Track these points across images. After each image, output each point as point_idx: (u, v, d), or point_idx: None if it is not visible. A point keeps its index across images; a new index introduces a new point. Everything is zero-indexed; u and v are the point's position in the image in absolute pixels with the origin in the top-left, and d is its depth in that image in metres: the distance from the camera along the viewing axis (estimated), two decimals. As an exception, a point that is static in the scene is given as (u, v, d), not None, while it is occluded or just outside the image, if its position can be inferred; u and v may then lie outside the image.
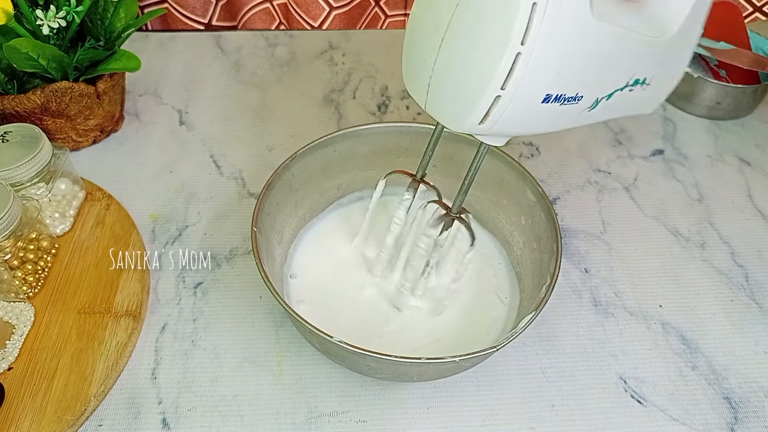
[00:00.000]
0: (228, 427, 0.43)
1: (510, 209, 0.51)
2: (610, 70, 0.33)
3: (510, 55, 0.28)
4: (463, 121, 0.32)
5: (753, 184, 0.62)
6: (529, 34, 0.28)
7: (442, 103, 0.33)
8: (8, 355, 0.45)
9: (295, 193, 0.50)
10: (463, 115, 0.32)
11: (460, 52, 0.31)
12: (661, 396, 0.46)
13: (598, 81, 0.33)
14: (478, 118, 0.31)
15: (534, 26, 0.28)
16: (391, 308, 0.48)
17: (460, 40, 0.30)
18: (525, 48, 0.28)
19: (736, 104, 0.67)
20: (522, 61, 0.29)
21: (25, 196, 0.49)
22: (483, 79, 0.30)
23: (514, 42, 0.28)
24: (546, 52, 0.29)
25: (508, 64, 0.29)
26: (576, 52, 0.30)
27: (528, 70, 0.29)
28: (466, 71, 0.31)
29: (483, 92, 0.30)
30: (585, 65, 0.31)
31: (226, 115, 0.67)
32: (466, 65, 0.30)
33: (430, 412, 0.44)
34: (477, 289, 0.49)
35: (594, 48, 0.31)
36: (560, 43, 0.29)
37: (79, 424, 0.43)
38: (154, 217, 0.56)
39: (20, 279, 0.47)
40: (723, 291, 0.53)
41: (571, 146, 0.65)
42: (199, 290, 0.51)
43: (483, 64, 0.29)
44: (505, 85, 0.29)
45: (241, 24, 0.83)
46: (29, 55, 0.50)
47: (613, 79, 0.34)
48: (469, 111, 0.31)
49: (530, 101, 0.31)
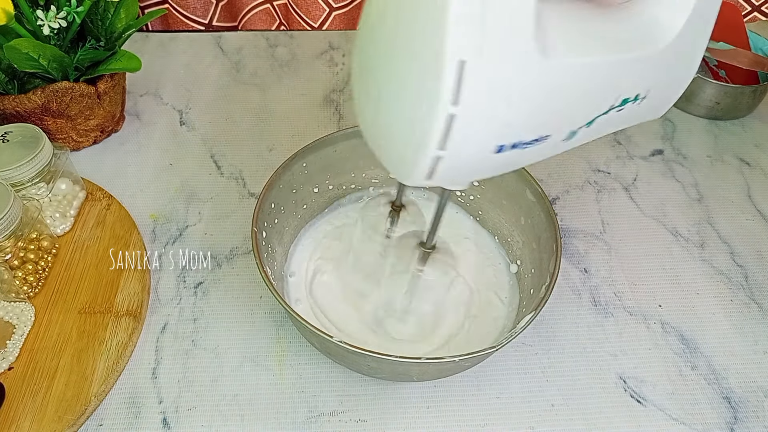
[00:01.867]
0: (228, 426, 0.43)
1: (509, 209, 0.51)
2: (581, 103, 0.29)
3: (441, 118, 0.25)
4: (409, 179, 0.29)
5: (752, 184, 0.62)
6: (461, 94, 0.24)
7: (387, 159, 0.31)
8: (9, 354, 0.45)
9: (295, 193, 0.50)
10: (407, 173, 0.29)
11: (394, 112, 0.28)
12: (660, 396, 0.46)
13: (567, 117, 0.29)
14: (422, 177, 0.29)
15: (466, 84, 0.24)
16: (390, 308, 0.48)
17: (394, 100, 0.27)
18: (459, 108, 0.25)
19: (735, 104, 0.67)
20: (458, 122, 0.25)
21: (26, 196, 0.49)
22: (418, 141, 0.27)
23: (443, 104, 0.25)
24: (487, 107, 0.26)
25: (441, 127, 0.25)
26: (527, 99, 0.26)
27: (468, 128, 0.26)
28: (402, 132, 0.28)
29: (421, 154, 0.27)
30: (542, 108, 0.27)
31: (227, 115, 0.67)
32: (401, 126, 0.28)
33: (430, 411, 0.45)
34: (477, 290, 0.49)
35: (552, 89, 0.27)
36: (505, 94, 0.26)
37: (79, 423, 0.43)
38: (154, 217, 0.56)
39: (21, 279, 0.47)
40: (722, 291, 0.53)
41: (570, 146, 0.65)
42: (200, 290, 0.51)
43: (417, 126, 0.26)
44: (445, 146, 0.26)
45: (241, 24, 0.83)
46: (30, 55, 0.50)
47: (588, 109, 0.30)
48: (412, 170, 0.28)
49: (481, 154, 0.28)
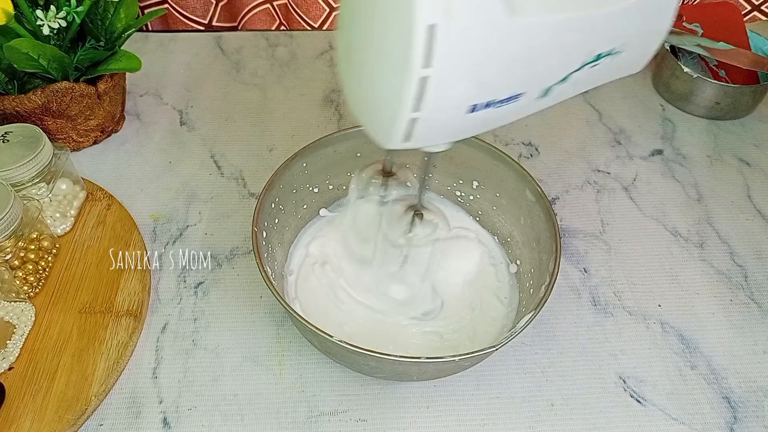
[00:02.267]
0: (228, 426, 0.43)
1: (509, 209, 0.51)
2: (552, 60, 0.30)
3: (414, 80, 0.26)
4: (388, 142, 0.30)
5: (752, 184, 0.62)
6: (433, 56, 0.25)
7: (367, 123, 0.32)
8: (9, 354, 0.45)
9: (295, 193, 0.50)
10: (386, 137, 0.30)
11: (371, 77, 0.29)
12: (660, 395, 0.46)
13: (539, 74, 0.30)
14: (399, 139, 0.30)
15: (437, 46, 0.25)
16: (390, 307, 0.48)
17: (370, 65, 0.29)
18: (431, 70, 0.26)
19: (735, 104, 0.67)
20: (431, 83, 0.26)
21: (26, 196, 0.49)
22: (393, 104, 0.28)
23: (415, 67, 0.26)
24: (459, 68, 0.26)
25: (414, 89, 0.26)
26: (498, 58, 0.27)
27: (441, 89, 0.27)
28: (379, 96, 0.29)
29: (396, 117, 0.28)
30: (513, 66, 0.28)
31: (227, 115, 0.67)
32: (378, 90, 0.29)
33: (430, 411, 0.45)
34: (477, 290, 0.49)
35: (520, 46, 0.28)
36: (474, 55, 0.26)
37: (79, 423, 0.43)
38: (154, 217, 0.56)
39: (21, 279, 0.47)
40: (722, 291, 0.53)
41: (570, 146, 0.65)
42: (200, 290, 0.51)
43: (391, 89, 0.28)
44: (419, 107, 0.27)
45: (241, 24, 0.83)
46: (30, 55, 0.50)
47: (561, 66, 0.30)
48: (389, 133, 0.30)
49: (455, 114, 0.29)
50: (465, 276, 0.50)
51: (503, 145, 0.65)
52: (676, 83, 0.69)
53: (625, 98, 0.71)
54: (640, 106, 0.70)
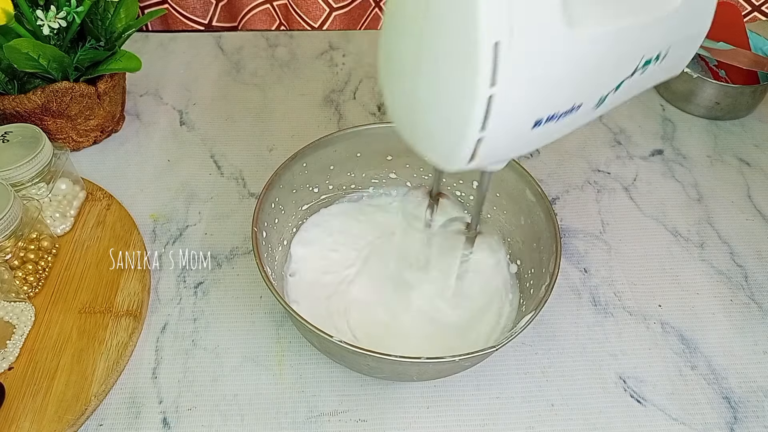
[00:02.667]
0: (228, 426, 0.43)
1: (510, 209, 0.51)
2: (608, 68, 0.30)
3: (481, 99, 0.26)
4: (451, 164, 0.30)
5: (752, 184, 0.62)
6: (498, 74, 0.25)
7: (426, 146, 0.31)
8: (9, 354, 0.45)
9: (295, 193, 0.50)
10: (449, 159, 0.30)
11: (430, 99, 0.28)
12: (660, 396, 0.46)
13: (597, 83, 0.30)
14: (465, 161, 0.29)
15: (502, 64, 0.25)
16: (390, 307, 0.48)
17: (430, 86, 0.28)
18: (497, 88, 0.25)
19: (735, 104, 0.67)
20: (497, 102, 0.26)
21: (26, 196, 0.49)
22: (459, 125, 0.27)
23: (482, 86, 0.25)
24: (523, 84, 0.26)
25: (482, 108, 0.26)
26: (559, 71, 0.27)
27: (507, 107, 0.26)
28: (441, 117, 0.28)
29: (462, 138, 0.28)
30: (573, 78, 0.28)
31: (227, 115, 0.67)
32: (440, 113, 0.28)
33: (430, 411, 0.45)
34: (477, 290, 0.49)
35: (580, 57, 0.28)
36: (537, 70, 0.26)
37: (79, 423, 0.43)
38: (154, 217, 0.56)
39: (21, 279, 0.47)
40: (722, 291, 0.53)
41: (570, 146, 0.65)
42: (200, 290, 0.51)
43: (456, 110, 0.27)
44: (485, 126, 0.27)
45: (241, 24, 0.83)
46: (30, 55, 0.50)
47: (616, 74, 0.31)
48: (453, 155, 0.29)
49: (520, 130, 0.29)
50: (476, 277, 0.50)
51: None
52: (676, 83, 0.69)
53: (625, 98, 0.71)
54: (640, 106, 0.70)
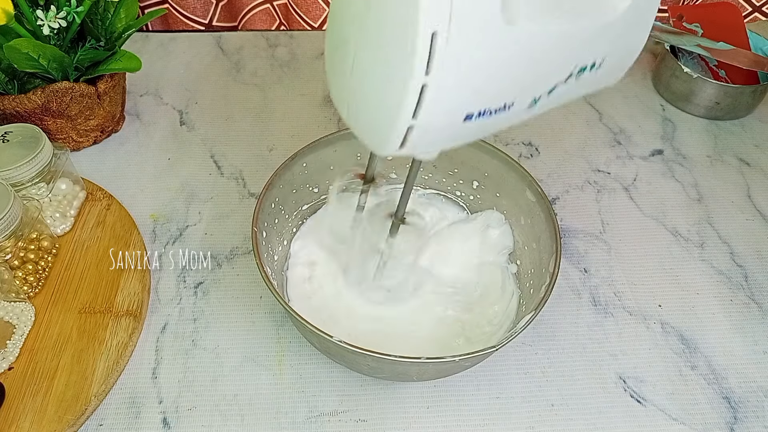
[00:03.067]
0: (228, 426, 0.43)
1: (510, 209, 0.51)
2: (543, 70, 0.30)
3: (414, 87, 0.26)
4: (382, 149, 0.31)
5: (752, 184, 0.62)
6: (433, 63, 0.25)
7: (361, 129, 0.32)
8: (9, 354, 0.45)
9: (295, 193, 0.50)
10: (380, 143, 0.30)
11: (369, 83, 0.29)
12: (660, 396, 0.46)
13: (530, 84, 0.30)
14: (395, 147, 0.30)
15: (438, 54, 0.25)
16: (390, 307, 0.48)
17: (368, 71, 0.28)
18: (430, 77, 0.26)
19: (735, 104, 0.67)
20: (430, 91, 0.26)
21: (26, 196, 0.49)
22: (391, 111, 0.28)
23: (417, 74, 0.25)
24: (457, 76, 0.27)
25: (414, 96, 0.26)
26: (494, 67, 0.28)
27: (439, 97, 0.27)
28: (375, 102, 0.29)
29: (393, 124, 0.28)
30: (507, 76, 0.29)
31: (227, 115, 0.67)
32: (375, 96, 0.29)
33: (430, 411, 0.45)
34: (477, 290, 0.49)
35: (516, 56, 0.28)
36: (473, 63, 0.27)
37: (79, 423, 0.43)
38: (154, 217, 0.56)
39: (21, 279, 0.47)
40: (722, 291, 0.53)
41: (570, 146, 0.65)
42: (200, 290, 0.51)
43: (389, 97, 0.27)
44: (416, 115, 0.27)
45: (241, 24, 0.83)
46: (30, 55, 0.50)
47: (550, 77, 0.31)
48: (385, 140, 0.29)
49: (450, 123, 0.29)
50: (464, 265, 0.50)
51: (503, 145, 0.65)
52: (676, 83, 0.69)
53: (625, 98, 0.71)
54: (640, 106, 0.70)
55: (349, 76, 0.30)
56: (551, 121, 0.67)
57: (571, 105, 0.70)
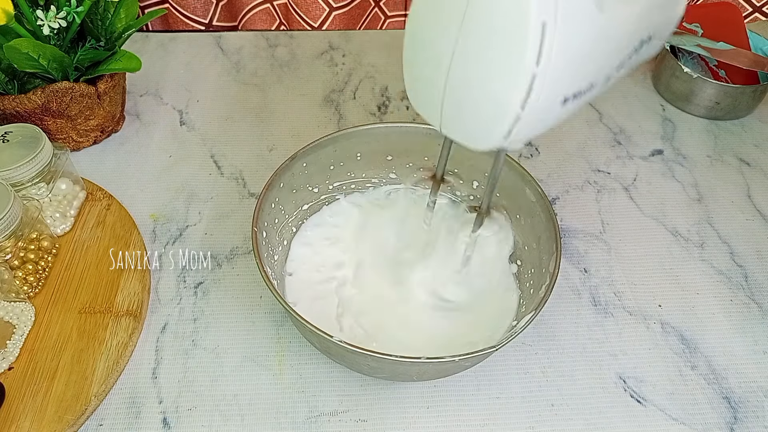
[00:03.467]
0: (228, 426, 0.43)
1: (509, 209, 0.51)
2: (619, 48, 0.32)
3: (526, 78, 0.27)
4: (485, 143, 0.31)
5: (752, 184, 0.62)
6: (542, 54, 0.26)
7: (459, 125, 0.32)
8: (9, 354, 0.45)
9: (295, 193, 0.50)
10: (484, 137, 0.31)
11: (472, 77, 0.29)
12: (660, 396, 0.46)
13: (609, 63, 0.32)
14: (501, 138, 0.30)
15: (546, 44, 0.26)
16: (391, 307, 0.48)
17: (472, 64, 0.29)
18: (540, 68, 0.27)
19: (735, 104, 0.67)
20: (539, 80, 0.27)
21: (26, 196, 0.49)
22: (501, 105, 0.29)
23: (528, 65, 0.27)
24: (561, 63, 0.28)
25: (525, 87, 0.28)
26: (588, 51, 0.29)
27: (546, 85, 0.28)
28: (482, 96, 0.29)
29: (504, 116, 0.29)
30: (597, 58, 0.30)
31: (227, 115, 0.67)
32: (481, 90, 0.29)
33: (430, 411, 0.45)
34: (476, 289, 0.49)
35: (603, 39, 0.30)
36: (573, 49, 0.28)
37: (79, 423, 0.43)
38: (154, 217, 0.56)
39: (21, 279, 0.47)
40: (722, 291, 0.53)
41: (570, 146, 0.65)
42: (200, 290, 0.51)
43: (499, 90, 0.28)
44: (525, 105, 0.28)
45: (241, 24, 0.83)
46: (30, 55, 0.50)
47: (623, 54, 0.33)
48: (490, 133, 0.30)
49: (550, 108, 0.30)
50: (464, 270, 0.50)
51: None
52: (676, 83, 0.69)
53: (625, 98, 0.71)
54: (640, 106, 0.70)
55: (444, 80, 0.30)
56: (551, 121, 0.67)
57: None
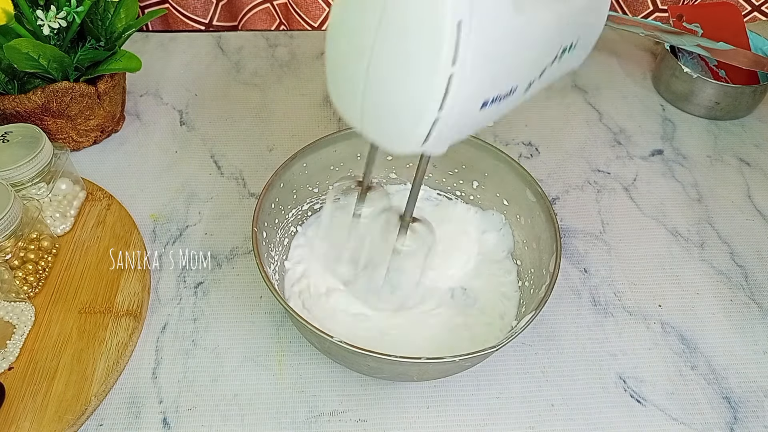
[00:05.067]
0: (228, 426, 0.43)
1: (510, 209, 0.51)
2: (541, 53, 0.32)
3: (443, 79, 0.26)
4: (404, 146, 0.30)
5: (752, 184, 0.62)
6: (459, 53, 0.26)
7: (379, 127, 0.31)
8: (9, 354, 0.45)
9: (295, 194, 0.50)
10: (403, 141, 0.30)
11: (389, 78, 0.28)
12: (660, 395, 0.46)
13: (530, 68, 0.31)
14: (419, 143, 0.29)
15: (462, 43, 0.26)
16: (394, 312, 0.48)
17: (390, 63, 0.28)
18: (456, 67, 0.26)
19: (735, 104, 0.67)
20: (456, 81, 0.27)
21: (26, 196, 0.49)
22: (418, 106, 0.28)
23: (444, 65, 0.26)
24: (479, 64, 0.27)
25: (441, 88, 0.27)
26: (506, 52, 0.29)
27: (463, 86, 0.27)
28: (399, 99, 0.29)
29: (420, 119, 0.28)
30: (516, 61, 0.30)
31: (227, 115, 0.67)
32: (398, 93, 0.28)
33: (430, 411, 0.45)
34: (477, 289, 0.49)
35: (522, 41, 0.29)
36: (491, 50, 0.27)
37: (79, 423, 0.43)
38: (154, 217, 0.56)
39: (21, 279, 0.47)
40: (722, 291, 0.53)
41: (570, 146, 0.65)
42: (200, 290, 0.51)
43: (416, 91, 0.27)
44: (443, 106, 0.27)
45: (241, 24, 0.83)
46: (30, 55, 0.50)
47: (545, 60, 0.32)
48: (409, 137, 0.29)
49: (470, 111, 0.29)
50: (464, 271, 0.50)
51: (503, 145, 0.65)
52: (676, 83, 0.69)
53: (625, 98, 0.71)
54: (640, 106, 0.70)
55: (363, 81, 0.29)
56: (551, 121, 0.67)
57: (571, 105, 0.70)
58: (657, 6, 0.81)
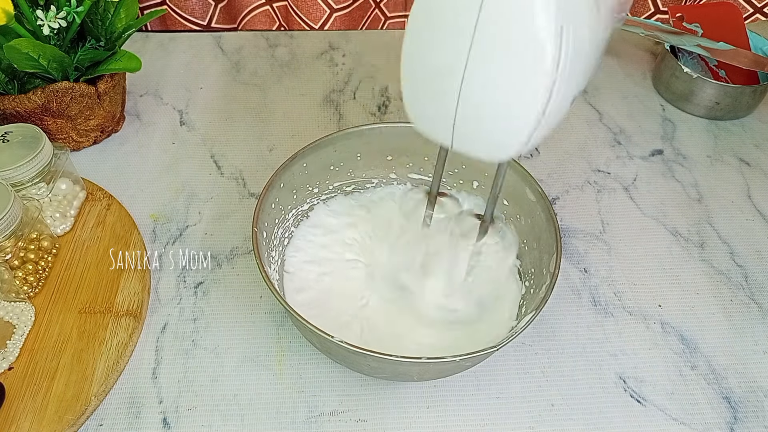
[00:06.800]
0: (228, 426, 0.43)
1: (510, 209, 0.51)
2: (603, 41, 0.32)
3: (547, 85, 0.27)
4: (503, 154, 0.31)
5: (752, 184, 0.62)
6: (561, 58, 0.27)
7: (475, 140, 0.32)
8: (9, 354, 0.45)
9: (295, 193, 0.50)
10: (504, 148, 0.31)
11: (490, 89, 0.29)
12: (660, 395, 0.46)
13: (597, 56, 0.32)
14: (521, 147, 0.30)
15: (563, 47, 0.26)
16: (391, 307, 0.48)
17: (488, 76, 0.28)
18: (558, 72, 0.27)
19: (735, 104, 0.67)
20: (557, 84, 0.27)
21: (26, 196, 0.49)
22: (522, 114, 0.28)
23: (549, 71, 0.27)
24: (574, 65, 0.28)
25: (546, 93, 0.27)
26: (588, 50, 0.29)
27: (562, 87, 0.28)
28: (499, 110, 0.29)
29: (524, 126, 0.29)
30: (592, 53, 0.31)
31: (227, 115, 0.67)
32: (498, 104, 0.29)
33: (430, 411, 0.45)
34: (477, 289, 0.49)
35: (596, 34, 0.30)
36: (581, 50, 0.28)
37: (79, 423, 0.43)
38: (154, 217, 0.56)
39: (21, 279, 0.47)
40: (722, 291, 0.53)
41: (570, 146, 0.65)
42: (200, 290, 0.51)
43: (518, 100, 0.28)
44: (546, 111, 0.28)
45: (240, 26, 0.83)
46: (30, 55, 0.50)
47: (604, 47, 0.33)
48: (509, 144, 0.30)
49: (562, 109, 0.30)
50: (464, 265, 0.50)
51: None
52: (676, 83, 0.69)
53: (625, 98, 0.71)
54: (640, 106, 0.70)
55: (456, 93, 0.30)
56: (551, 121, 0.67)
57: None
58: (658, 8, 0.81)
